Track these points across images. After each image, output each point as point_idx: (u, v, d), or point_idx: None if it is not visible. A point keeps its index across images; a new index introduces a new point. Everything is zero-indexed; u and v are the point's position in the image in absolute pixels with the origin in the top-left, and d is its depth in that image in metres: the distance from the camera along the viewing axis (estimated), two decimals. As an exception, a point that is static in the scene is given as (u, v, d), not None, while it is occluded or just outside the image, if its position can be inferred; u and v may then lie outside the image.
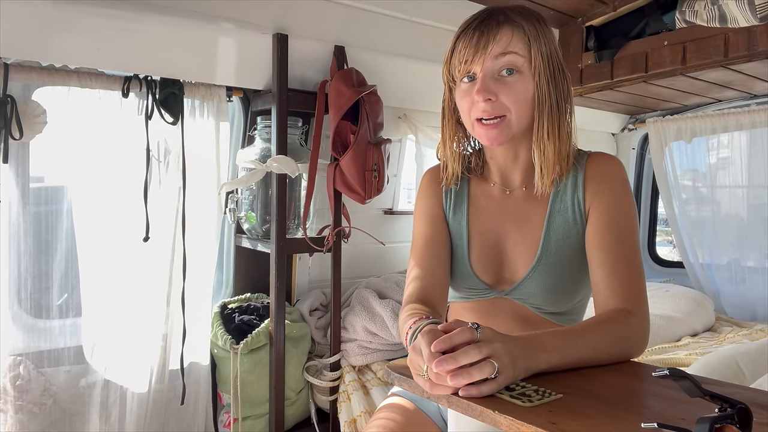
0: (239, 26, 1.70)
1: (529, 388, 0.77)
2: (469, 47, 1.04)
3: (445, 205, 1.22)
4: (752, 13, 1.76)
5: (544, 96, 1.05)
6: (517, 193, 1.17)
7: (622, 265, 1.02)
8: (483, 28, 1.04)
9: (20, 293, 1.65)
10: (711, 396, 0.61)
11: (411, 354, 0.83)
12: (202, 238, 1.86)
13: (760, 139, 2.70)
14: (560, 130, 1.07)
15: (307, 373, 2.01)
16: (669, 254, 3.55)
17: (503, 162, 1.17)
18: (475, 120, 1.07)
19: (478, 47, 1.03)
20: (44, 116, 1.57)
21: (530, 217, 1.14)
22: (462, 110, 1.10)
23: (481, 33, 1.03)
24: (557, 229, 1.12)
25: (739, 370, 1.72)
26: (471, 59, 1.04)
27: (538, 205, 1.14)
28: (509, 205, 1.17)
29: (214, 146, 1.85)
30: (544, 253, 1.11)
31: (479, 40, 1.03)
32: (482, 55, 1.03)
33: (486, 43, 1.03)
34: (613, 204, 1.07)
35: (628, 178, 1.12)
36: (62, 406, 1.67)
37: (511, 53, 1.03)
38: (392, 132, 2.31)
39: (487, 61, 1.03)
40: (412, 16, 2.02)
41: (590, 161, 1.13)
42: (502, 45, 1.03)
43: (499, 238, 1.16)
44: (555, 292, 1.11)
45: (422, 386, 0.80)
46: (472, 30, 1.05)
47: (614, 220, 1.06)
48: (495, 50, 1.02)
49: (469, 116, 1.08)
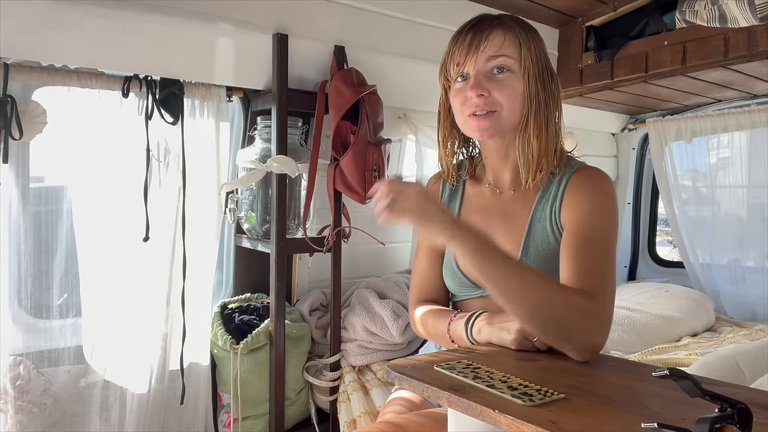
0: (239, 26, 1.70)
1: (531, 387, 0.77)
2: (462, 48, 1.11)
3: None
4: (752, 13, 1.76)
5: (533, 95, 1.10)
6: (506, 194, 1.20)
7: (586, 262, 1.02)
8: (476, 31, 1.11)
9: (20, 293, 1.65)
10: (711, 396, 0.61)
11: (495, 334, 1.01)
12: (202, 238, 1.86)
13: (760, 139, 2.70)
14: (547, 128, 1.11)
15: (307, 373, 2.01)
16: (669, 254, 3.55)
17: (495, 161, 1.20)
18: (468, 115, 1.11)
19: (470, 48, 1.10)
20: (44, 116, 1.56)
21: (515, 219, 1.17)
22: (455, 108, 1.15)
23: (474, 35, 1.10)
24: (536, 236, 1.14)
25: (739, 370, 1.72)
26: (464, 59, 1.10)
27: (523, 208, 1.17)
28: (497, 205, 1.20)
29: (214, 146, 1.85)
30: (523, 258, 1.14)
31: (472, 41, 1.10)
32: (475, 55, 1.09)
33: (478, 44, 1.09)
34: (586, 211, 1.07)
35: (611, 191, 1.11)
36: (62, 407, 1.67)
37: (503, 56, 1.09)
38: (392, 132, 2.31)
39: (480, 62, 1.09)
40: (412, 16, 2.02)
41: (575, 174, 1.14)
42: (494, 46, 1.09)
43: None
44: None
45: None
46: (465, 33, 1.12)
47: (585, 224, 1.06)
48: (487, 51, 1.09)
49: (461, 113, 1.13)
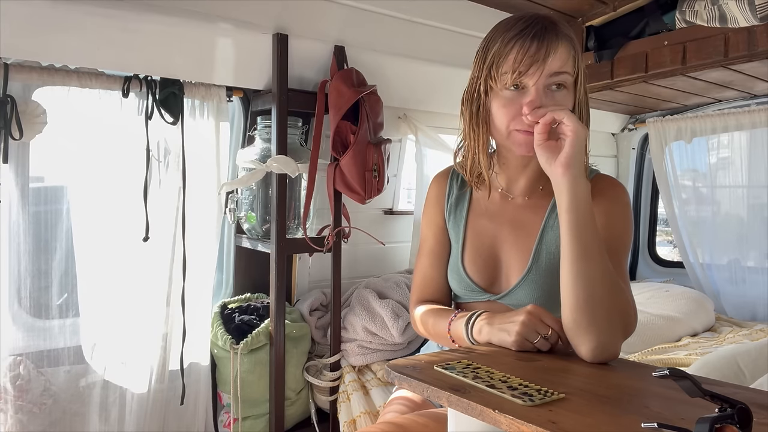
0: (239, 26, 1.70)
1: (531, 387, 0.77)
2: (526, 57, 0.98)
3: (447, 206, 1.24)
4: (752, 13, 1.76)
5: (581, 111, 1.06)
6: (519, 200, 1.17)
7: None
8: (541, 40, 0.98)
9: (20, 293, 1.65)
10: (711, 396, 0.61)
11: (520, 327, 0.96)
12: (202, 238, 1.86)
13: (760, 139, 2.70)
14: (587, 144, 1.06)
15: (307, 373, 2.01)
16: (669, 254, 3.55)
17: (514, 168, 1.16)
18: (515, 130, 1.03)
19: (536, 58, 0.98)
20: (44, 116, 1.57)
21: (526, 226, 1.15)
22: (498, 117, 1.05)
23: (540, 43, 0.98)
24: (549, 243, 1.12)
25: (739, 370, 1.72)
26: (526, 71, 0.99)
27: (535, 216, 1.15)
28: (508, 211, 1.18)
29: (214, 146, 1.85)
30: (534, 265, 1.12)
31: (538, 52, 0.98)
32: (540, 68, 0.98)
33: (545, 57, 0.98)
34: (604, 222, 1.05)
35: (627, 201, 1.10)
36: (62, 406, 1.67)
37: (566, 73, 1.01)
38: (392, 132, 2.31)
39: (543, 77, 0.99)
40: (412, 16, 2.02)
41: (591, 183, 1.07)
42: (559, 62, 0.99)
43: (494, 242, 1.18)
44: (543, 303, 1.10)
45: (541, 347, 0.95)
46: (530, 39, 0.99)
47: (603, 235, 1.02)
48: (553, 66, 0.99)
49: (507, 126, 1.04)
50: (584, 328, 0.91)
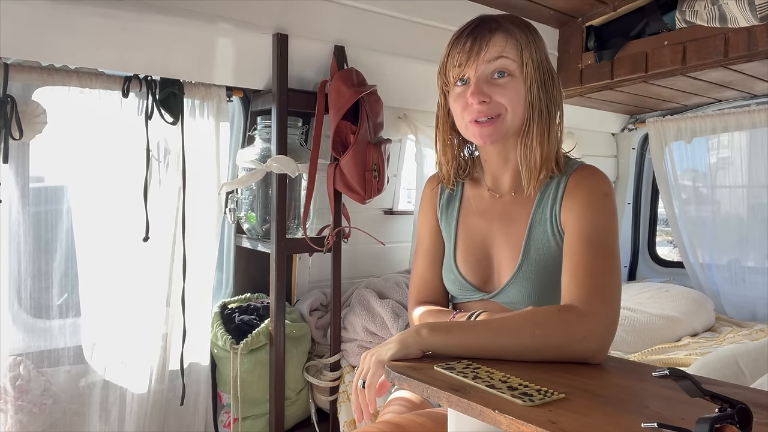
0: (239, 26, 1.70)
1: (531, 387, 0.77)
2: (462, 52, 1.07)
3: (439, 206, 1.26)
4: (752, 13, 1.76)
5: (535, 99, 1.08)
6: (506, 197, 1.19)
7: (584, 266, 1.01)
8: (476, 35, 1.07)
9: (20, 293, 1.65)
10: (711, 396, 0.61)
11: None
12: (202, 238, 1.86)
13: (760, 139, 2.70)
14: (549, 134, 1.10)
15: (307, 373, 2.01)
16: (669, 254, 3.55)
17: (495, 165, 1.18)
18: (469, 122, 1.09)
19: (471, 52, 1.06)
20: (44, 116, 1.56)
21: (515, 222, 1.16)
22: (455, 113, 1.13)
23: (474, 39, 1.07)
24: (537, 239, 1.13)
25: (739, 370, 1.72)
26: (464, 63, 1.07)
27: (523, 211, 1.16)
28: (497, 208, 1.19)
29: (214, 146, 1.85)
30: (524, 262, 1.13)
31: (473, 46, 1.06)
32: (475, 60, 1.06)
33: (479, 49, 1.06)
34: (585, 213, 1.06)
35: (609, 190, 1.09)
36: (62, 406, 1.67)
37: (504, 57, 1.06)
38: (392, 132, 2.31)
39: (480, 66, 1.06)
40: (412, 16, 2.02)
41: (573, 174, 1.12)
42: (495, 50, 1.06)
43: (485, 240, 1.18)
44: (536, 299, 1.12)
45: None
46: (465, 36, 1.08)
47: (584, 227, 1.05)
48: (488, 55, 1.06)
49: (462, 118, 1.11)
50: (557, 358, 0.94)
